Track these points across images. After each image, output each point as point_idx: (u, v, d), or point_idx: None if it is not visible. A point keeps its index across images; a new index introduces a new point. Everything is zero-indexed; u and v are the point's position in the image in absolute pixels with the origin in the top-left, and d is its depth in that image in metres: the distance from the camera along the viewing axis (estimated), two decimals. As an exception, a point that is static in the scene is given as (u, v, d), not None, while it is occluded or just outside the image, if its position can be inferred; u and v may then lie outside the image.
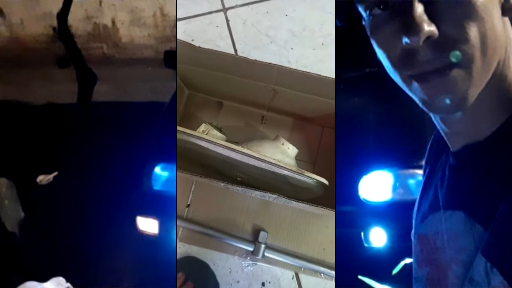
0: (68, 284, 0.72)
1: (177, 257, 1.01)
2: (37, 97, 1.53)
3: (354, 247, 1.07)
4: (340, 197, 1.01)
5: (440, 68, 0.36)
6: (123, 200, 1.02)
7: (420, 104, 0.40)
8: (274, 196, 0.82)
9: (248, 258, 1.08)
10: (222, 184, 0.86)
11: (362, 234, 1.07)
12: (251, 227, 1.09)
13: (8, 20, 1.85)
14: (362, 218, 1.07)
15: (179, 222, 1.08)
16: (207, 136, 0.90)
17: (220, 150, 0.87)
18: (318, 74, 0.95)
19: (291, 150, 1.02)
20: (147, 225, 1.00)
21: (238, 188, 0.87)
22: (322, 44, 1.36)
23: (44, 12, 1.81)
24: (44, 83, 1.65)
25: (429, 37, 0.35)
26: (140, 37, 1.89)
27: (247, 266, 1.07)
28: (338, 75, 0.93)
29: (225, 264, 1.08)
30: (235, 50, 1.33)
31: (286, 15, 1.43)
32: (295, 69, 0.96)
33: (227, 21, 1.41)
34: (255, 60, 0.97)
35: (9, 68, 1.71)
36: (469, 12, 0.35)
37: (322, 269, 1.06)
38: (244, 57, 1.00)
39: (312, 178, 0.86)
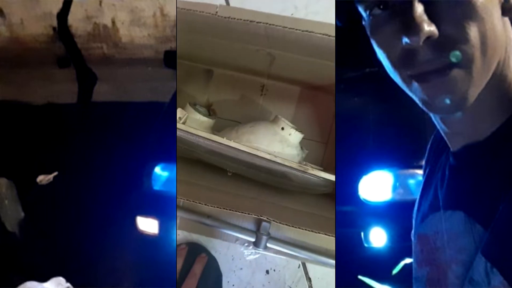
0: (68, 284, 0.72)
1: (177, 244, 1.00)
2: (37, 97, 1.53)
3: (354, 247, 1.07)
4: (340, 197, 1.01)
5: (440, 68, 0.36)
6: (123, 200, 1.02)
7: (420, 104, 0.40)
8: (267, 221, 0.74)
9: (251, 247, 1.02)
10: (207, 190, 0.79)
11: (362, 234, 1.07)
12: (252, 216, 1.04)
13: (8, 20, 1.85)
14: (362, 218, 1.07)
15: (177, 212, 1.01)
16: (184, 126, 0.76)
17: (201, 141, 0.73)
18: (326, 34, 0.67)
19: (294, 136, 0.82)
20: (147, 225, 1.00)
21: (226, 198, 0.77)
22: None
23: (44, 12, 1.81)
24: (44, 83, 1.65)
25: (429, 37, 0.35)
26: (140, 37, 1.89)
27: (250, 254, 1.04)
28: (338, 75, 0.92)
29: (227, 251, 1.04)
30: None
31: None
32: (291, 29, 0.67)
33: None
34: (236, 18, 0.70)
35: (9, 68, 1.71)
36: (469, 12, 0.35)
37: (330, 261, 0.94)
38: (224, 17, 0.73)
39: (318, 176, 0.73)
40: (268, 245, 0.96)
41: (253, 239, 0.97)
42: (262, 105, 0.99)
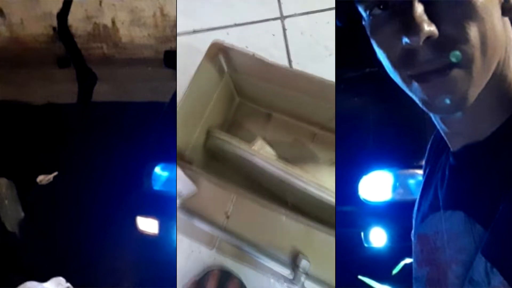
0: (68, 284, 0.72)
1: (211, 269, 0.98)
2: (37, 97, 1.53)
3: (354, 247, 1.07)
4: (340, 197, 1.01)
5: (440, 68, 0.36)
6: (123, 200, 1.02)
7: (420, 104, 0.40)
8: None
9: (285, 284, 0.95)
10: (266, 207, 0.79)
11: (362, 234, 1.07)
12: (290, 252, 0.95)
13: (8, 20, 1.85)
14: (362, 218, 1.07)
15: (217, 232, 0.97)
16: (262, 155, 0.84)
17: (274, 170, 0.81)
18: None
19: None
20: (147, 225, 1.00)
21: (282, 217, 0.80)
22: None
23: (44, 12, 1.81)
24: (44, 83, 1.66)
25: (429, 37, 0.35)
26: (140, 37, 1.89)
27: None
28: (338, 75, 0.92)
29: (260, 285, 0.96)
30: (290, 61, 1.21)
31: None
32: None
33: (284, 30, 1.30)
34: (312, 75, 0.85)
35: (9, 68, 1.71)
36: (469, 12, 0.35)
37: None
38: (300, 71, 0.89)
39: None
40: (306, 286, 0.90)
41: (288, 274, 0.92)
42: (313, 150, 1.06)
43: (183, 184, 1.03)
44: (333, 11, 1.29)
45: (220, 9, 1.34)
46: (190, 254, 0.96)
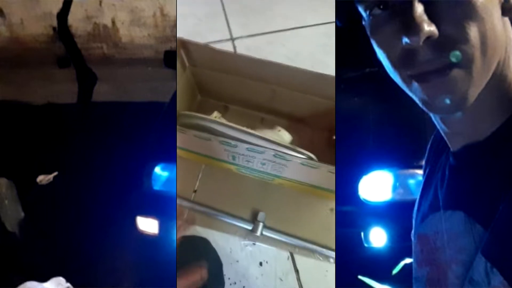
0: (68, 284, 0.72)
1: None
2: (37, 97, 1.53)
3: (354, 247, 1.07)
4: (340, 197, 1.01)
5: (440, 68, 0.36)
6: (123, 200, 1.02)
7: (420, 104, 0.40)
8: (272, 151, 0.87)
9: (247, 238, 1.14)
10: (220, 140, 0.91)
11: (362, 234, 1.07)
12: (250, 209, 1.16)
13: (8, 20, 1.85)
14: (362, 218, 1.07)
15: (185, 203, 1.16)
16: (221, 120, 0.99)
17: (230, 131, 0.94)
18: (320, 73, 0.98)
19: (286, 136, 1.15)
20: (147, 225, 1.00)
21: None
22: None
23: (44, 12, 1.81)
24: (44, 83, 1.65)
25: (429, 37, 0.35)
26: (140, 37, 1.89)
27: (246, 246, 1.13)
28: (338, 75, 0.92)
29: (226, 244, 1.13)
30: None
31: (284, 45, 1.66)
32: (295, 67, 0.99)
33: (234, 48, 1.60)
34: (256, 58, 1.01)
35: (9, 68, 1.71)
36: (469, 12, 0.35)
37: (317, 248, 1.10)
38: (247, 56, 1.03)
39: (304, 153, 0.92)
40: (264, 233, 1.11)
41: (250, 228, 1.12)
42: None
43: None
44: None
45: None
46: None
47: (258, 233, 1.10)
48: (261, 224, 1.11)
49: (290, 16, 1.78)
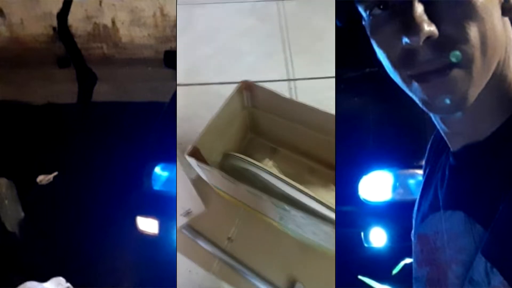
0: (68, 284, 0.72)
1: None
2: (37, 97, 1.53)
3: (354, 247, 1.07)
4: (340, 197, 1.01)
5: (440, 68, 0.36)
6: (123, 200, 1.02)
7: (420, 104, 0.40)
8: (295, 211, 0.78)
9: None
10: (264, 197, 0.81)
11: (362, 234, 1.07)
12: (286, 276, 0.98)
13: (8, 20, 1.85)
14: (362, 218, 1.07)
15: (218, 253, 1.01)
16: (273, 170, 0.90)
17: (280, 184, 0.86)
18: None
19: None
20: (147, 225, 1.00)
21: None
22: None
23: (44, 12, 1.81)
24: (44, 83, 1.66)
25: (429, 37, 0.35)
26: (140, 37, 1.89)
27: None
28: (338, 75, 0.92)
29: None
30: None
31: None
32: None
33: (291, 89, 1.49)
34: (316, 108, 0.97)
35: (9, 68, 1.71)
36: (469, 12, 0.35)
37: None
38: (308, 105, 0.99)
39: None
40: None
41: None
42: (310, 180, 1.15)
43: (194, 202, 1.09)
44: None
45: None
46: (188, 275, 0.96)
47: None
48: None
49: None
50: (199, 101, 1.40)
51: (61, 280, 0.72)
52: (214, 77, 1.52)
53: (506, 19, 0.38)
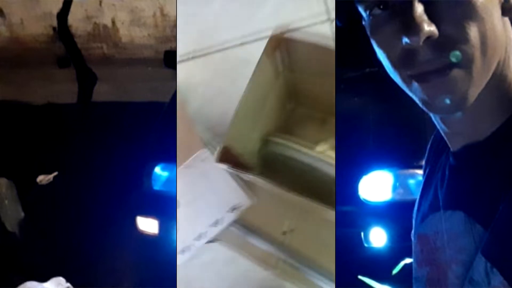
0: (68, 284, 0.72)
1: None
2: (37, 97, 1.53)
3: (354, 247, 1.07)
4: (340, 197, 1.01)
5: (440, 68, 0.36)
6: (123, 200, 1.02)
7: (420, 104, 0.40)
8: None
9: None
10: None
11: (362, 234, 1.07)
12: None
13: (8, 20, 1.85)
14: (362, 218, 1.07)
15: (272, 249, 0.90)
16: (327, 160, 0.75)
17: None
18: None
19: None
20: (147, 225, 1.00)
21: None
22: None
23: (44, 12, 1.82)
24: (44, 83, 1.66)
25: (429, 37, 0.35)
26: (140, 37, 1.89)
27: None
28: (338, 75, 0.92)
29: None
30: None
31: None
32: None
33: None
34: None
35: (9, 68, 1.71)
36: (469, 12, 0.35)
37: None
38: None
39: None
40: None
41: None
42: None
43: (239, 196, 0.94)
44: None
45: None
46: (245, 275, 0.87)
47: None
48: None
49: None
50: (217, 74, 1.02)
51: (61, 280, 0.72)
52: (228, 37, 1.05)
53: (506, 19, 0.38)
